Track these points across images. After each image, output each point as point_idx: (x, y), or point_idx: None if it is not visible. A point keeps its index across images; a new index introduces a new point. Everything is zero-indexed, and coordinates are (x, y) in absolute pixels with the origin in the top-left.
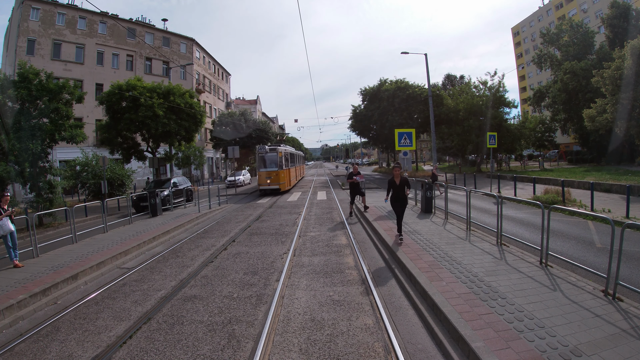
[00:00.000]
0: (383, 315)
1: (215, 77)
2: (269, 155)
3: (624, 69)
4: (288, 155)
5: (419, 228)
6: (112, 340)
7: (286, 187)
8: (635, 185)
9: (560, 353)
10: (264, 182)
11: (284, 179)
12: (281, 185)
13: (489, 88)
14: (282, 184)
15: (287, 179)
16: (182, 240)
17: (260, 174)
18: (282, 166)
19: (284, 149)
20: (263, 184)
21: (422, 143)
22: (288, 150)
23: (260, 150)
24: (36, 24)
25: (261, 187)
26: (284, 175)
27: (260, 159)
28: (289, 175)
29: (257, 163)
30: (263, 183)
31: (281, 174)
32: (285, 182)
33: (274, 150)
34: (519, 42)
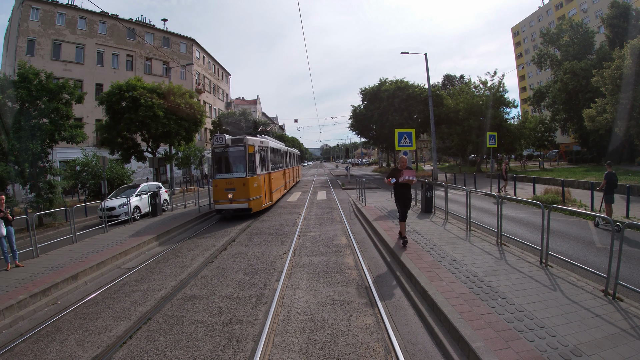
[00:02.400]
0: (383, 315)
1: (215, 77)
2: (232, 151)
3: (623, 69)
4: (266, 151)
5: (419, 228)
6: (112, 340)
7: (263, 205)
8: (635, 185)
9: (560, 353)
10: (223, 198)
11: (257, 192)
12: (253, 202)
13: (489, 88)
14: (254, 201)
15: (264, 191)
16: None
17: (216, 183)
18: (255, 169)
19: (258, 142)
20: (221, 201)
21: (422, 143)
22: (267, 145)
23: (216, 143)
24: (36, 24)
25: (218, 205)
26: (258, 185)
27: (217, 157)
28: (267, 184)
29: (212, 164)
30: (220, 199)
31: (252, 184)
32: (260, 197)
33: (240, 143)
34: (518, 42)
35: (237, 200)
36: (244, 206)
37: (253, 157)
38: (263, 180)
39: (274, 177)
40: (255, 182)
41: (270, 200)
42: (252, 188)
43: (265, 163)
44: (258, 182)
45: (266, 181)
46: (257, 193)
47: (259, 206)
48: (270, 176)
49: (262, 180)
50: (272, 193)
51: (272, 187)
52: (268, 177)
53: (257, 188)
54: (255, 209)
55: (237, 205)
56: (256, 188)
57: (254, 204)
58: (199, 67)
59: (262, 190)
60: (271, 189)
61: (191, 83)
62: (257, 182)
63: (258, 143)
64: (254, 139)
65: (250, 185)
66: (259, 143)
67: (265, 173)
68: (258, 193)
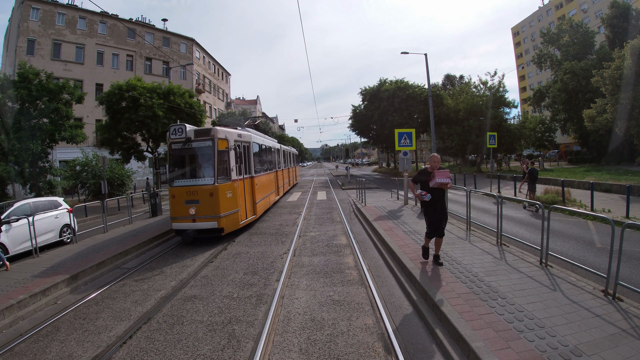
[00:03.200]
0: (383, 315)
1: (215, 77)
2: (196, 147)
3: (623, 69)
4: (247, 148)
5: (418, 228)
6: (112, 340)
7: (242, 221)
8: (635, 185)
9: (560, 353)
10: (182, 214)
11: (231, 204)
12: (225, 220)
13: (489, 88)
14: (226, 218)
15: (243, 202)
16: None
17: (173, 192)
18: (229, 173)
19: (233, 136)
20: (180, 218)
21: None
22: (248, 140)
23: (173, 136)
24: (36, 24)
25: (176, 225)
26: (234, 195)
27: (175, 156)
28: (249, 192)
29: (168, 166)
30: (180, 215)
31: (223, 194)
32: (237, 211)
33: (206, 135)
34: (519, 42)
35: (202, 218)
36: (211, 225)
37: (226, 155)
38: (242, 187)
39: (261, 182)
40: (229, 191)
41: (254, 214)
42: (224, 200)
43: (247, 164)
44: (233, 190)
45: (247, 188)
46: (232, 206)
47: (234, 224)
48: (254, 182)
49: (241, 188)
50: (255, 204)
51: (255, 196)
52: (250, 182)
53: (232, 199)
54: (230, 229)
55: (201, 224)
56: (230, 200)
57: (227, 222)
58: (199, 67)
59: (241, 202)
60: (254, 199)
61: (191, 83)
62: (231, 191)
63: (234, 136)
64: (228, 130)
65: (221, 196)
66: (235, 136)
67: (246, 177)
68: (233, 206)
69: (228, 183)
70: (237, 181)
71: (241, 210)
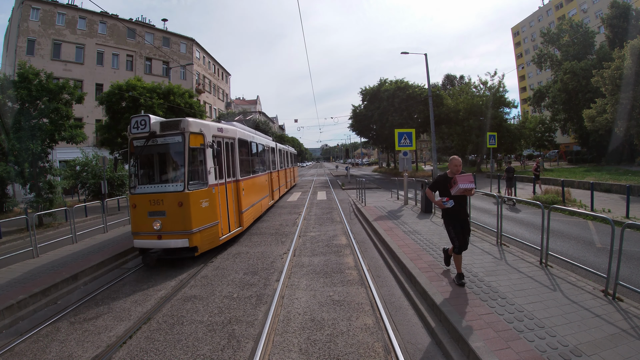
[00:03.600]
0: (383, 315)
1: (215, 77)
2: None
3: (623, 69)
4: (232, 146)
5: (419, 228)
6: (112, 340)
7: (222, 236)
8: (635, 185)
9: (560, 353)
10: (146, 229)
11: (207, 216)
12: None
13: (489, 88)
14: (200, 234)
15: (224, 213)
16: None
17: (134, 201)
18: (205, 177)
19: (212, 129)
20: (142, 234)
21: (422, 143)
22: (233, 136)
23: (134, 131)
24: (36, 24)
25: (138, 242)
26: (211, 204)
27: (137, 154)
28: (232, 199)
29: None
30: (143, 230)
31: (195, 204)
32: (215, 224)
33: (175, 129)
34: (518, 42)
35: (170, 234)
36: (180, 244)
37: (201, 154)
38: (224, 194)
39: (249, 186)
40: (205, 200)
41: (239, 226)
42: (198, 211)
43: (230, 164)
44: (211, 198)
45: (231, 195)
46: (209, 218)
47: (212, 240)
48: (241, 186)
49: (222, 195)
50: (241, 214)
51: (242, 203)
52: (235, 187)
53: (209, 210)
54: (206, 247)
55: (168, 242)
56: (206, 210)
57: (202, 239)
58: (199, 67)
59: (222, 212)
60: (240, 207)
61: (191, 83)
62: (208, 199)
63: (212, 131)
64: (204, 122)
65: (193, 206)
66: (214, 131)
67: (230, 181)
68: (210, 218)
69: (203, 189)
70: (217, 186)
71: (222, 223)
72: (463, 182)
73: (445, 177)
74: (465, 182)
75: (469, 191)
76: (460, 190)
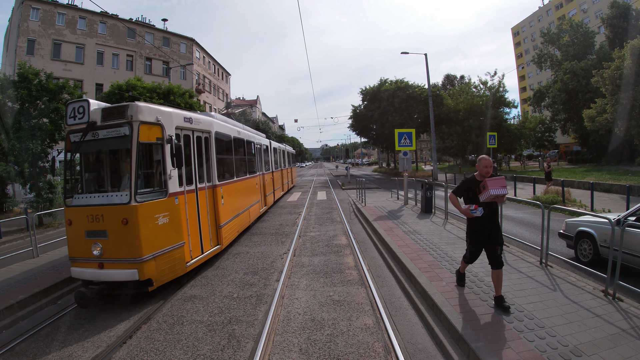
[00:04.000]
0: (383, 315)
1: (215, 77)
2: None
3: (623, 69)
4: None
5: (419, 228)
6: (112, 340)
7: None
8: (635, 185)
9: (560, 353)
10: (83, 253)
11: (166, 237)
12: (152, 265)
13: (489, 88)
14: (158, 261)
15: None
16: None
17: (70, 216)
18: (164, 183)
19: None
20: (80, 260)
21: (422, 143)
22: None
23: (72, 123)
24: (36, 24)
25: (76, 270)
26: (173, 218)
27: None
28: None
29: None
30: (80, 255)
31: (148, 219)
32: (179, 246)
33: (121, 118)
34: (519, 42)
35: (113, 261)
36: (126, 276)
37: (157, 151)
38: (193, 204)
39: (231, 193)
40: (163, 214)
41: (217, 244)
42: (151, 230)
43: (204, 166)
44: (172, 212)
45: (203, 206)
46: (169, 239)
47: (175, 268)
48: (218, 194)
49: (191, 206)
50: (219, 228)
51: (220, 215)
52: (211, 195)
53: (169, 228)
54: (165, 278)
55: (111, 273)
56: (164, 229)
57: (159, 268)
58: (199, 67)
59: (190, 229)
60: (218, 220)
61: (191, 83)
62: (167, 214)
63: (176, 121)
64: (163, 109)
65: (143, 225)
66: (178, 121)
67: (203, 187)
68: (170, 239)
69: (160, 200)
70: (182, 195)
71: (191, 243)
72: (494, 186)
73: (472, 180)
74: (497, 187)
75: (500, 197)
76: (490, 196)
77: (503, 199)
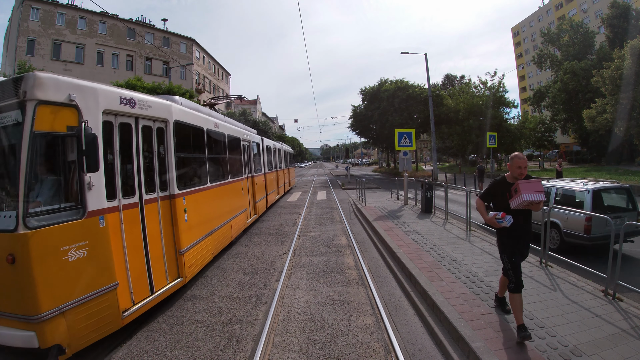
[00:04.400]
0: (383, 315)
1: (215, 77)
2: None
3: (623, 69)
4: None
5: (419, 228)
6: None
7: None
8: (635, 185)
9: (560, 353)
10: None
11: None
12: (64, 322)
13: (489, 88)
14: (69, 316)
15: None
16: None
17: None
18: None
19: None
20: None
21: (422, 143)
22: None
23: None
24: (36, 24)
25: None
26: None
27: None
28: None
29: None
30: None
31: (47, 257)
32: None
33: (12, 96)
34: (518, 42)
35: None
36: (18, 340)
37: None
38: (133, 226)
39: (201, 202)
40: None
41: (178, 276)
42: (51, 272)
43: (158, 167)
44: (95, 240)
45: (154, 225)
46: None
47: (102, 324)
48: (178, 206)
49: (131, 229)
50: (181, 255)
51: (181, 237)
52: (168, 209)
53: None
54: (86, 341)
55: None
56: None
57: (69, 329)
58: (199, 67)
59: (129, 262)
60: (178, 244)
61: (191, 83)
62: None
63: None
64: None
65: (39, 265)
66: (109, 101)
67: (154, 199)
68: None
69: (72, 223)
70: (114, 213)
71: (131, 282)
72: (528, 191)
73: (503, 183)
74: (532, 192)
75: (536, 205)
76: (523, 202)
77: (539, 207)
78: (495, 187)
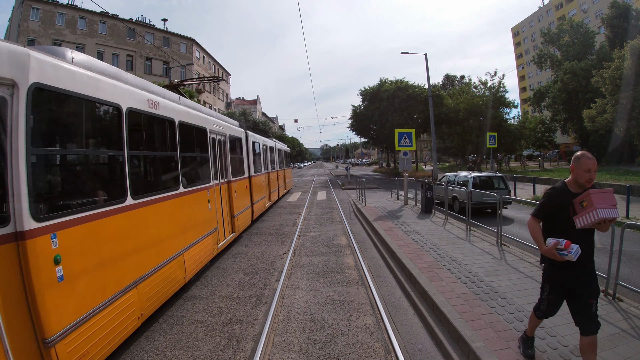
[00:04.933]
0: (383, 315)
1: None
2: None
3: (623, 69)
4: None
5: (419, 228)
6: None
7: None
8: (635, 185)
9: (560, 353)
10: None
11: None
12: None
13: (489, 88)
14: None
15: None
16: None
17: None
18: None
19: None
20: None
21: (422, 143)
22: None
23: None
24: (36, 24)
25: None
26: None
27: None
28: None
29: None
30: None
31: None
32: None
33: None
34: (519, 42)
35: None
36: None
37: None
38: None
39: (90, 241)
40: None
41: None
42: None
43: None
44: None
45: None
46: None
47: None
48: (60, 245)
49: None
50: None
51: (42, 319)
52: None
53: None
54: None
55: None
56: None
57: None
58: (199, 67)
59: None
60: (41, 333)
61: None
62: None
63: None
64: None
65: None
66: None
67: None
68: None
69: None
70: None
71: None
72: (602, 204)
73: (564, 192)
74: (606, 206)
75: (608, 223)
76: (595, 220)
77: (608, 227)
78: (555, 199)
